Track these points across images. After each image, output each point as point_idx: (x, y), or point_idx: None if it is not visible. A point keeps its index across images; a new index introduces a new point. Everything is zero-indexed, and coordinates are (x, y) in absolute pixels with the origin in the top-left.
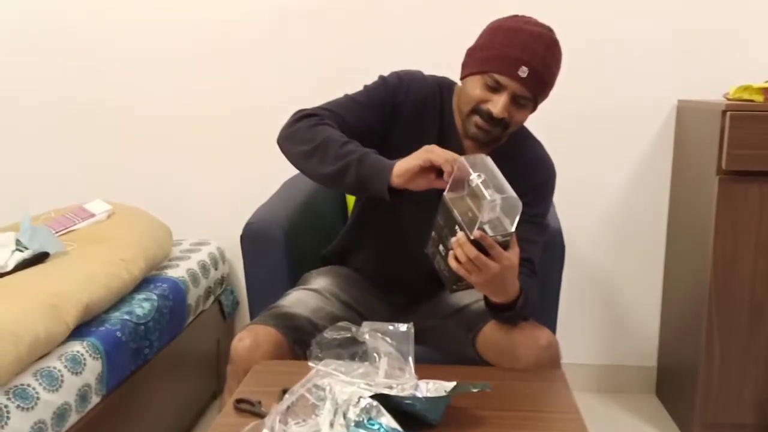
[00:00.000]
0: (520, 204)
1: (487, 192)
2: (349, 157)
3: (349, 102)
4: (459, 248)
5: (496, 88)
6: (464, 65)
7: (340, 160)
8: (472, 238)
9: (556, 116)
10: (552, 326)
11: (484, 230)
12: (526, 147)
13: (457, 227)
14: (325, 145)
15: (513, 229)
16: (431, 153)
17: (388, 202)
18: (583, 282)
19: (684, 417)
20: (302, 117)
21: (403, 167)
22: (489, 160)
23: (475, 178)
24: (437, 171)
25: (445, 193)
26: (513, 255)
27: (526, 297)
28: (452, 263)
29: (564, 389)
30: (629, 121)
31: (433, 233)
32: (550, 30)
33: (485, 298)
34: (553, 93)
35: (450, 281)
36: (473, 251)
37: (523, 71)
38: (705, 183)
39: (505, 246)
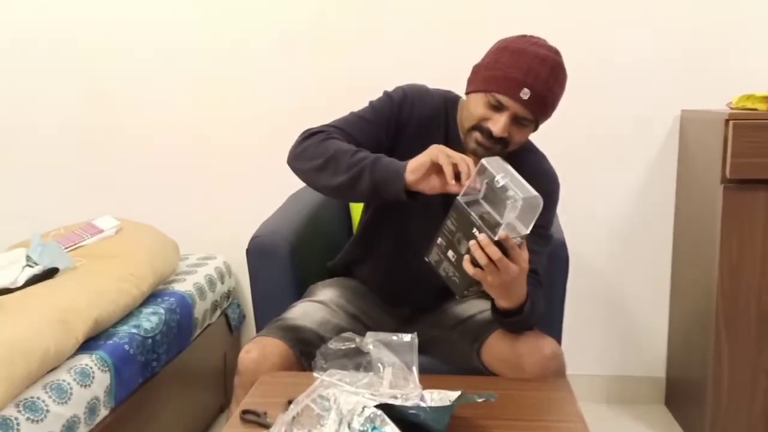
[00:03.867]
0: (541, 202)
1: (513, 191)
2: (362, 163)
3: (355, 119)
4: (479, 251)
5: (497, 107)
6: (469, 81)
7: (353, 168)
8: (495, 239)
9: (560, 127)
10: (557, 336)
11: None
12: (529, 160)
13: (475, 230)
14: (335, 156)
15: (528, 231)
16: (442, 151)
17: (396, 213)
18: (590, 293)
19: (694, 428)
20: (310, 135)
21: (415, 163)
22: (505, 163)
23: (501, 179)
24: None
25: (458, 197)
26: (526, 257)
27: (532, 303)
28: (468, 268)
29: (569, 398)
30: (633, 132)
31: (439, 240)
32: (556, 53)
33: (492, 305)
34: (558, 105)
35: (461, 287)
36: (497, 253)
37: (525, 93)
38: (710, 192)
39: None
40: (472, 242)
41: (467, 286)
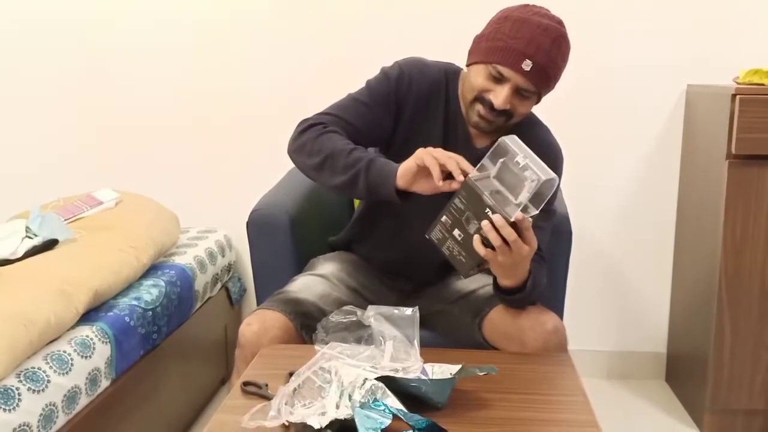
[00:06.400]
0: (556, 184)
1: (533, 172)
2: (356, 166)
3: (352, 103)
4: (493, 232)
5: (499, 79)
6: (470, 52)
7: (348, 170)
8: (512, 220)
9: (565, 102)
10: (559, 312)
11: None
12: (533, 132)
13: (488, 210)
14: (332, 156)
15: (537, 211)
16: (428, 153)
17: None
18: (592, 268)
19: (694, 403)
20: (306, 128)
21: (403, 168)
22: (521, 142)
23: (521, 159)
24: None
25: (470, 176)
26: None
27: (534, 280)
28: (479, 248)
29: (571, 372)
30: (639, 107)
31: (443, 218)
32: (559, 23)
33: (494, 282)
34: (563, 78)
35: (468, 266)
36: (513, 234)
37: (527, 64)
38: (715, 168)
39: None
40: (485, 222)
41: (474, 265)
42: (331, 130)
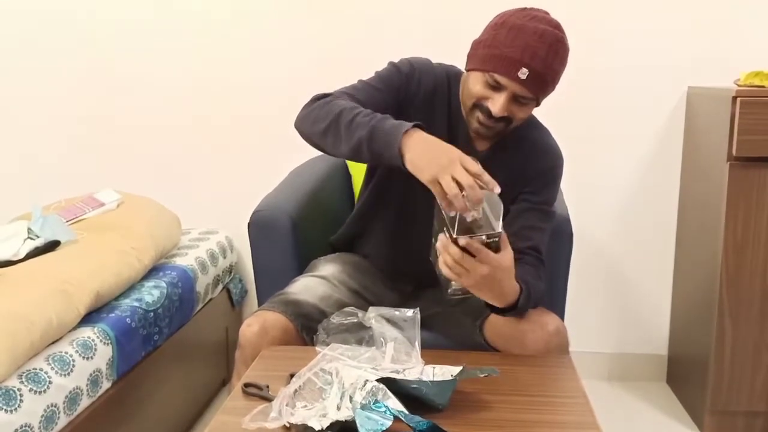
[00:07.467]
0: (500, 203)
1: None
2: (358, 133)
3: (364, 86)
4: (444, 251)
5: (496, 87)
6: (469, 58)
7: (351, 139)
8: (453, 238)
9: (565, 103)
10: (560, 313)
11: (471, 230)
12: (532, 134)
13: (445, 229)
14: (336, 121)
15: (500, 229)
16: (451, 189)
17: (398, 188)
18: (593, 270)
19: (695, 405)
20: (317, 98)
21: (414, 169)
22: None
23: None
24: None
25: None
26: (504, 256)
27: (528, 294)
28: (442, 268)
29: (572, 374)
30: (639, 108)
31: (433, 239)
32: (556, 27)
33: (486, 302)
34: (563, 79)
35: (445, 287)
36: (457, 253)
37: (523, 73)
38: (716, 169)
39: (495, 247)
40: (438, 244)
41: (448, 284)
42: (339, 98)
